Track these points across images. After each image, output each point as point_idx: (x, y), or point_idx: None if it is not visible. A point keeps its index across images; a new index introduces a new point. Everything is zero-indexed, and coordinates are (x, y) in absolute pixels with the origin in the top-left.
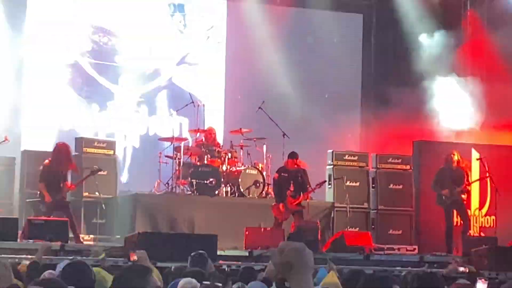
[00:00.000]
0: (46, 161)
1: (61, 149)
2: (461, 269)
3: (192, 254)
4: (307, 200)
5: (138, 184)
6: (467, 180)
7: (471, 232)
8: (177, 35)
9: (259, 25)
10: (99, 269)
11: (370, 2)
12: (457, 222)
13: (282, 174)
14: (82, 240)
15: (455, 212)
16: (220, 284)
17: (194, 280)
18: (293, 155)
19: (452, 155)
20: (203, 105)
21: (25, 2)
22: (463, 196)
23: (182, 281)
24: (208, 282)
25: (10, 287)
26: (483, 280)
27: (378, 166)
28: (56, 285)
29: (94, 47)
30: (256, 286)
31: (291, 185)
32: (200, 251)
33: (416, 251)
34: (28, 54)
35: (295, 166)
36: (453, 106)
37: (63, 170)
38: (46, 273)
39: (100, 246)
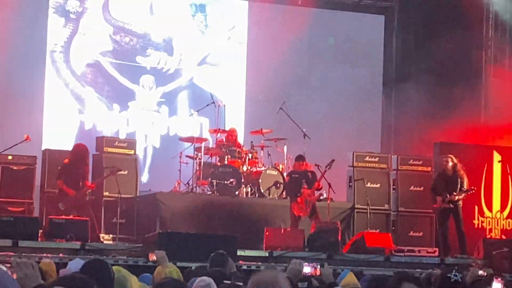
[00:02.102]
0: (66, 160)
1: (78, 150)
2: (480, 272)
3: (212, 254)
4: (328, 201)
5: (158, 184)
6: (461, 187)
7: (492, 235)
8: (199, 35)
9: (280, 26)
10: (120, 267)
11: (392, 3)
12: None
13: (292, 175)
14: (102, 239)
15: (451, 217)
16: (241, 284)
17: (208, 278)
18: (300, 158)
19: (446, 161)
20: (224, 105)
21: (47, 2)
22: (451, 205)
23: (197, 280)
24: (229, 282)
25: (37, 287)
26: (498, 279)
27: (399, 168)
28: (81, 282)
29: (116, 47)
30: None
31: (304, 183)
32: (220, 251)
33: (437, 253)
34: (50, 53)
35: (303, 168)
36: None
37: (82, 169)
38: (61, 272)
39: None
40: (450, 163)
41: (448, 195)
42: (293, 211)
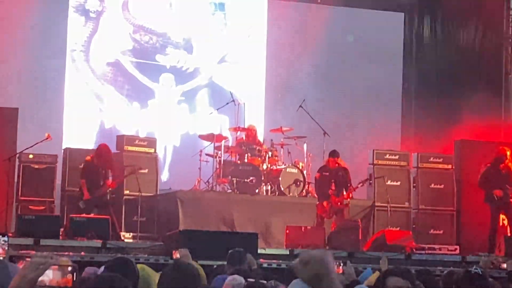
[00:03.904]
0: (88, 157)
1: (102, 151)
2: (504, 265)
3: (230, 251)
4: (348, 199)
5: (178, 183)
6: None
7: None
8: (218, 34)
9: (300, 24)
10: (144, 265)
11: (412, 0)
12: (499, 222)
13: (323, 173)
14: (122, 238)
15: (501, 213)
16: (264, 281)
17: (239, 277)
18: (334, 154)
19: (504, 154)
20: (244, 103)
21: (67, 2)
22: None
23: (229, 278)
24: (253, 280)
25: None
26: None
27: (419, 165)
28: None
29: (135, 45)
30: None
31: (333, 183)
32: (237, 249)
33: (458, 251)
34: (70, 52)
35: (336, 164)
36: None
37: (104, 168)
38: (87, 269)
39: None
40: (509, 153)
41: (508, 188)
42: (317, 211)
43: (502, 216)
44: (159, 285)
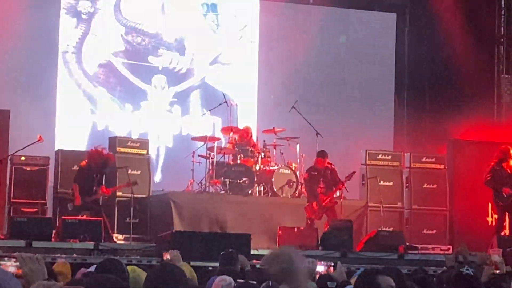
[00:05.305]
0: (83, 162)
1: (93, 155)
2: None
3: (221, 252)
4: (341, 199)
5: (171, 184)
6: None
7: (506, 232)
8: (210, 35)
9: (292, 25)
10: (134, 267)
11: (404, 1)
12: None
13: (312, 172)
14: (115, 239)
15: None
16: (254, 282)
17: (228, 277)
18: (322, 154)
19: (508, 152)
20: (236, 104)
21: (59, 3)
22: None
23: (218, 279)
24: (242, 280)
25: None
26: None
27: (412, 165)
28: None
29: (128, 47)
30: None
31: (321, 182)
32: (229, 250)
33: (451, 250)
34: (62, 54)
35: (326, 164)
36: None
37: (99, 173)
38: (80, 272)
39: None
40: None
41: None
42: (306, 213)
43: (492, 217)
44: (144, 286)
